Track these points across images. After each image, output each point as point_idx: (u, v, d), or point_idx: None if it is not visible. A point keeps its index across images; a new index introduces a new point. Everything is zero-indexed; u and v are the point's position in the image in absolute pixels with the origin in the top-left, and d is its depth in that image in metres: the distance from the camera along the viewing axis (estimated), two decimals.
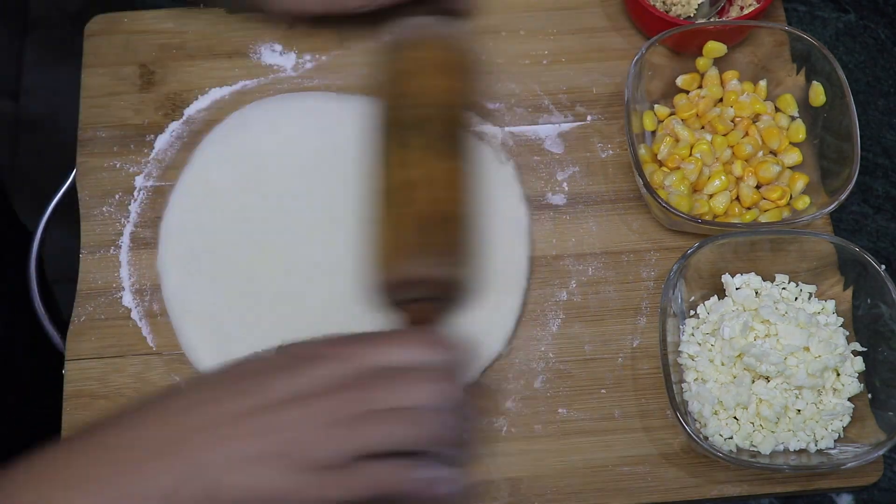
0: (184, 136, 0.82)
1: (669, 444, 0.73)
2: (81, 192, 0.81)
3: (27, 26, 1.85)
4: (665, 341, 0.71)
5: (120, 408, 0.55)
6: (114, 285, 0.77)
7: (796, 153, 0.79)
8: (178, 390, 0.57)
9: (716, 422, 0.70)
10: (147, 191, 0.80)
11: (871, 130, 0.84)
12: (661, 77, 0.80)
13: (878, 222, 0.82)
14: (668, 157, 0.78)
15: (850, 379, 0.71)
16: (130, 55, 0.85)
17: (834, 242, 0.74)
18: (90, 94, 0.83)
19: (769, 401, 0.70)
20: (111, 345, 0.76)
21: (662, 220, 0.78)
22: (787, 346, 0.70)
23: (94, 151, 0.82)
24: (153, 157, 0.81)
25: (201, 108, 0.83)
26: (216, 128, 0.82)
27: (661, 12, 0.81)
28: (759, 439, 0.70)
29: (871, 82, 0.86)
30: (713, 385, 0.71)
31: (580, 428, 0.73)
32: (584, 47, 0.85)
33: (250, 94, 0.83)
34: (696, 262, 0.74)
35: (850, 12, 0.88)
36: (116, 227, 0.79)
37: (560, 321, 0.76)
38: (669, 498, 0.72)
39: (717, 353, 0.72)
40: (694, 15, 0.83)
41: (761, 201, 0.78)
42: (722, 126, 0.79)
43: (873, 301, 0.72)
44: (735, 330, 0.70)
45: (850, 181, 0.74)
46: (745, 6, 0.82)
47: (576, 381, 0.75)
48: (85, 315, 0.77)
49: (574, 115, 0.83)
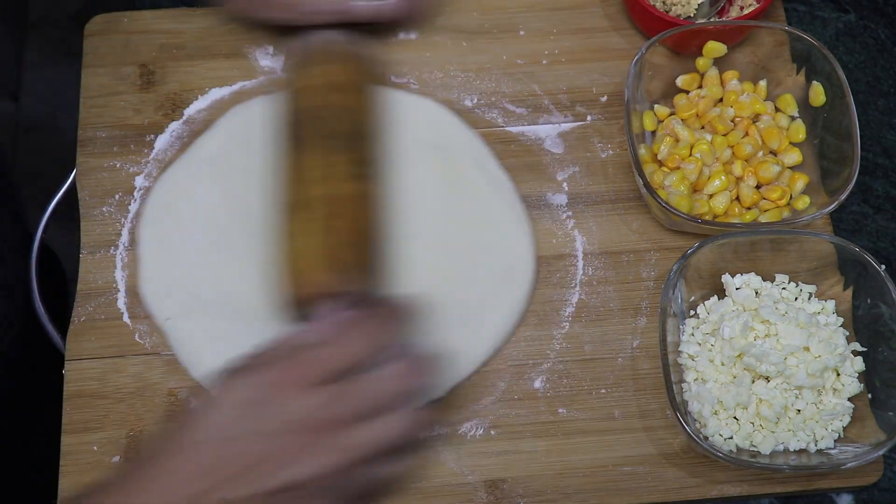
0: (184, 136, 0.82)
1: (669, 444, 0.73)
2: (81, 192, 0.81)
3: (27, 26, 1.85)
4: (665, 341, 0.71)
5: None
6: (114, 285, 0.77)
7: (796, 153, 0.79)
8: (161, 456, 0.60)
9: (716, 422, 0.70)
10: (147, 191, 0.80)
11: (871, 130, 0.84)
12: (661, 77, 0.80)
13: (878, 222, 0.82)
14: (668, 157, 0.78)
15: (850, 379, 0.71)
16: (130, 55, 0.85)
17: (834, 242, 0.74)
18: (90, 94, 0.83)
19: (769, 401, 0.70)
20: (111, 345, 0.76)
21: (662, 220, 0.78)
22: (787, 347, 0.70)
23: (94, 151, 0.82)
24: (153, 157, 0.81)
25: (201, 108, 0.83)
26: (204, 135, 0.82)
27: (661, 12, 0.81)
28: (759, 439, 0.70)
29: (871, 82, 0.86)
30: (713, 385, 0.71)
31: (580, 428, 0.73)
32: (584, 47, 0.85)
33: (249, 94, 0.83)
34: (696, 262, 0.74)
35: (850, 12, 0.88)
36: (116, 227, 0.79)
37: (560, 321, 0.76)
38: (669, 498, 0.72)
39: (717, 353, 0.72)
40: (694, 15, 0.83)
41: (761, 201, 0.78)
42: (722, 126, 0.79)
43: (873, 301, 0.72)
44: (735, 330, 0.70)
45: (850, 181, 0.74)
46: (745, 6, 0.82)
47: (576, 381, 0.75)
48: (85, 315, 0.77)
49: (574, 115, 0.83)
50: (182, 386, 0.74)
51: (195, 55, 0.85)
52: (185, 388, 0.74)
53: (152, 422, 0.74)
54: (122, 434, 0.73)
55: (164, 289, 0.77)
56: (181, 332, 0.75)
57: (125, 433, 0.73)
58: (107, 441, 0.73)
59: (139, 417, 0.74)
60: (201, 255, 0.78)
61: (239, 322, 0.75)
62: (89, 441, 0.73)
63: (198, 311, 0.76)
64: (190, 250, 0.78)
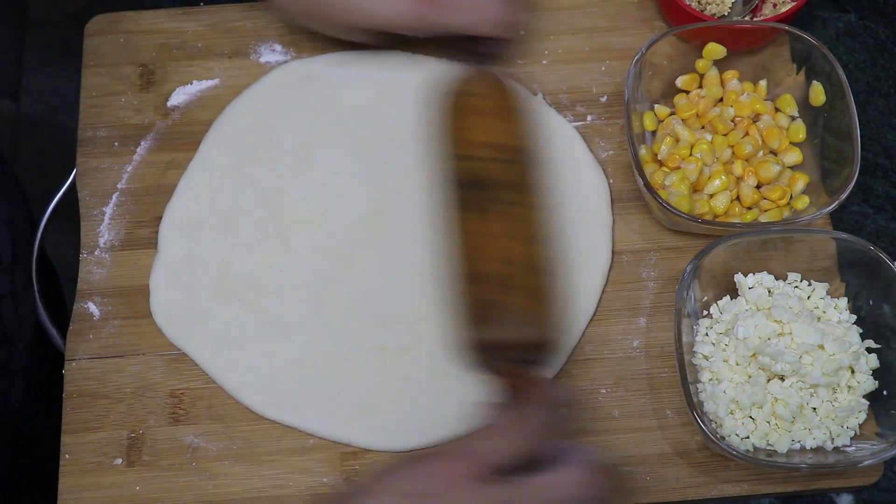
0: (184, 136, 0.82)
1: (670, 444, 0.73)
2: (81, 191, 0.81)
3: (27, 26, 1.85)
4: (680, 341, 0.70)
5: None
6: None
7: (796, 153, 0.79)
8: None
9: (732, 422, 0.70)
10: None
11: (871, 130, 0.84)
12: (661, 77, 0.80)
13: (878, 222, 0.82)
14: (669, 157, 0.78)
15: (865, 376, 0.71)
16: (130, 55, 0.85)
17: (846, 240, 0.73)
18: (90, 94, 0.83)
19: (785, 400, 0.69)
20: (111, 345, 0.76)
21: (663, 220, 0.78)
22: (801, 345, 0.69)
23: (94, 151, 0.82)
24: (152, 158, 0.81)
25: (201, 107, 0.83)
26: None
27: (697, 11, 0.81)
28: (775, 438, 0.70)
29: (871, 82, 0.86)
30: (728, 385, 0.71)
31: (580, 428, 0.73)
32: (583, 47, 0.85)
33: (249, 94, 0.83)
34: (708, 262, 0.73)
35: (850, 12, 0.88)
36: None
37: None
38: (669, 498, 0.72)
39: (731, 353, 0.71)
40: (728, 13, 0.82)
41: (761, 201, 0.78)
42: (722, 126, 0.79)
43: (876, 302, 0.72)
44: (749, 329, 0.70)
45: (851, 181, 0.74)
46: (777, 3, 0.82)
47: (576, 381, 0.75)
48: (85, 315, 0.77)
49: (574, 115, 0.83)
50: (183, 386, 0.75)
51: (195, 55, 0.85)
52: (187, 388, 0.74)
53: (153, 422, 0.74)
54: (123, 434, 0.73)
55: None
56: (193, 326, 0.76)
57: (125, 433, 0.73)
58: (107, 441, 0.73)
59: (139, 418, 0.74)
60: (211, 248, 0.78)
61: (250, 315, 0.76)
62: (89, 441, 0.73)
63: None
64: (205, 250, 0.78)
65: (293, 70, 0.83)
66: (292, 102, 0.82)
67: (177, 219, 0.79)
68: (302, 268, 0.77)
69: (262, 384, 0.74)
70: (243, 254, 0.77)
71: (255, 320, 0.76)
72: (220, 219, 0.78)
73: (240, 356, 0.75)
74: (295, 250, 0.77)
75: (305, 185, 0.79)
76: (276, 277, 0.77)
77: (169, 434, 0.73)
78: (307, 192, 0.79)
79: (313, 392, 0.74)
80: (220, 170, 0.80)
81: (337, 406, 0.74)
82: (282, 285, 0.76)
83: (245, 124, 0.81)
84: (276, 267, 0.77)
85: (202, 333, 0.75)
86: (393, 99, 0.82)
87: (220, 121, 0.82)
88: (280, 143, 0.81)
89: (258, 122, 0.81)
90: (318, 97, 0.82)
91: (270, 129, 0.81)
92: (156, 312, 0.76)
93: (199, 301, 0.76)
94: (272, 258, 0.77)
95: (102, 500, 0.72)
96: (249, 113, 0.82)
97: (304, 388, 0.74)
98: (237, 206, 0.79)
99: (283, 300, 0.76)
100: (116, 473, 0.72)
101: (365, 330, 0.75)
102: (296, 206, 0.79)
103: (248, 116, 0.82)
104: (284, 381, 0.74)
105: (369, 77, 0.82)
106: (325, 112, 0.82)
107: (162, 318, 0.76)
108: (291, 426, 0.73)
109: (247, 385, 0.74)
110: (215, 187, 0.79)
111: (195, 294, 0.76)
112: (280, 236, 0.78)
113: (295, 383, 0.74)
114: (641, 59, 0.78)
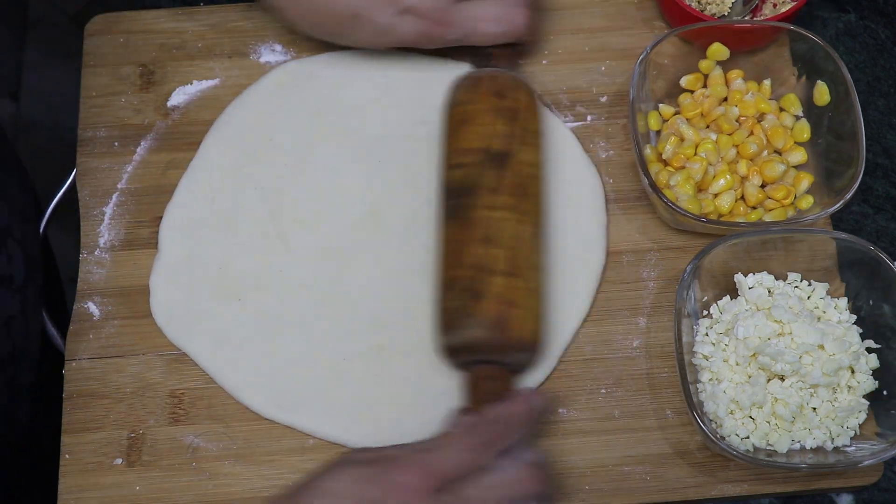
0: (183, 136, 0.82)
1: (670, 444, 0.73)
2: (81, 191, 0.81)
3: (27, 26, 1.85)
4: (680, 342, 0.70)
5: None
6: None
7: (801, 152, 0.79)
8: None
9: (732, 422, 0.70)
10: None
11: (872, 130, 0.84)
12: (665, 77, 0.80)
13: (878, 222, 0.82)
14: (673, 157, 0.78)
15: (865, 376, 0.71)
16: (130, 55, 0.85)
17: (846, 240, 0.73)
18: (90, 94, 0.83)
19: (785, 399, 0.69)
20: (111, 345, 0.76)
21: (668, 219, 0.78)
22: (801, 345, 0.69)
23: (94, 151, 0.82)
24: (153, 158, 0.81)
25: (201, 107, 0.83)
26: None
27: (697, 11, 0.80)
28: (775, 438, 0.70)
29: (871, 82, 0.86)
30: (728, 385, 0.70)
31: (580, 428, 0.73)
32: (584, 47, 0.85)
33: (249, 93, 0.83)
34: (708, 262, 0.73)
35: (850, 12, 0.88)
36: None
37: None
38: (669, 498, 0.72)
39: (731, 353, 0.71)
40: (728, 13, 0.82)
41: (766, 200, 0.78)
42: (727, 125, 0.79)
43: (876, 302, 0.72)
44: (749, 329, 0.70)
45: (855, 181, 0.73)
46: (777, 3, 0.82)
47: (576, 381, 0.75)
48: (85, 315, 0.77)
49: (574, 115, 0.83)
50: (183, 386, 0.74)
51: (195, 55, 0.85)
52: (187, 388, 0.74)
53: (153, 422, 0.74)
54: (123, 434, 0.73)
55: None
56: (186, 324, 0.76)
57: (125, 433, 0.73)
58: (107, 441, 0.73)
59: (139, 418, 0.74)
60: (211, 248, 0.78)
61: (245, 310, 0.76)
62: (89, 441, 0.73)
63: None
64: (205, 249, 0.78)
65: (293, 70, 0.83)
66: (292, 102, 0.82)
67: (177, 219, 0.79)
68: (302, 268, 0.77)
69: (261, 384, 0.74)
70: (243, 254, 0.77)
71: (255, 320, 0.76)
72: (221, 219, 0.79)
73: (240, 356, 0.75)
74: (295, 250, 0.77)
75: (305, 184, 0.79)
76: (276, 277, 0.77)
77: (169, 434, 0.73)
78: (307, 191, 0.79)
79: (313, 392, 0.74)
80: (220, 170, 0.80)
81: (336, 406, 0.73)
82: (282, 285, 0.76)
83: (245, 124, 0.81)
84: (276, 267, 0.77)
85: (202, 333, 0.75)
86: (393, 99, 0.82)
87: (220, 121, 0.82)
88: (280, 142, 0.81)
89: (258, 122, 0.81)
90: (318, 97, 0.82)
91: (270, 129, 0.81)
92: (156, 312, 0.76)
93: (199, 301, 0.76)
94: (272, 258, 0.77)
95: (102, 500, 0.72)
96: (249, 113, 0.82)
97: (304, 388, 0.74)
98: (237, 206, 0.79)
99: (283, 300, 0.76)
100: (116, 473, 0.72)
101: (364, 330, 0.75)
102: (296, 206, 0.79)
103: (248, 116, 0.82)
104: (284, 381, 0.74)
105: (369, 77, 0.82)
106: (325, 112, 0.82)
107: (162, 318, 0.76)
108: (291, 426, 0.73)
109: (247, 385, 0.74)
110: (215, 187, 0.79)
111: (195, 294, 0.76)
112: (280, 236, 0.78)
113: (295, 383, 0.74)
114: (646, 58, 0.77)
